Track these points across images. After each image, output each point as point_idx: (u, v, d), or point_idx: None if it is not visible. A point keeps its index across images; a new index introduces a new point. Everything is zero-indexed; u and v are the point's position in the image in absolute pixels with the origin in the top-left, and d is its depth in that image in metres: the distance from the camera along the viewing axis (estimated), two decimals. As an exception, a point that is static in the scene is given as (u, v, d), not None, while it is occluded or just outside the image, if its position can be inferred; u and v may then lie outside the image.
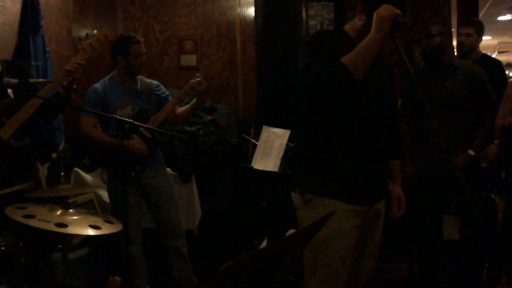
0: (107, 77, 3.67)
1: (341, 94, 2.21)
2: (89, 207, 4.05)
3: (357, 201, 2.32)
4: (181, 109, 3.63)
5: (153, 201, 3.63)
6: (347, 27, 2.39)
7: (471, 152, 3.49)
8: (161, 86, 3.77)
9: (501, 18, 8.90)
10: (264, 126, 3.86)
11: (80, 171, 4.24)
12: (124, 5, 5.49)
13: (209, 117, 4.49)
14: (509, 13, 8.49)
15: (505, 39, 11.39)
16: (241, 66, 5.38)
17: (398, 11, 2.15)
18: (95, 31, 2.98)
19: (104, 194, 4.24)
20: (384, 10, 2.14)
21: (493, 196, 4.05)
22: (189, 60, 5.36)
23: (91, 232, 2.26)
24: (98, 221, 2.33)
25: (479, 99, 3.54)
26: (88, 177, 4.27)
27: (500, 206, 4.25)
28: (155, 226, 3.74)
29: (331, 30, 2.63)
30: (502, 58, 12.99)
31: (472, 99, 3.52)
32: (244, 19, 5.37)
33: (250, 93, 5.26)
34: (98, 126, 3.62)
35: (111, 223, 2.37)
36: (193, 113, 3.65)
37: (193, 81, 3.42)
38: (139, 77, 3.69)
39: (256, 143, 3.85)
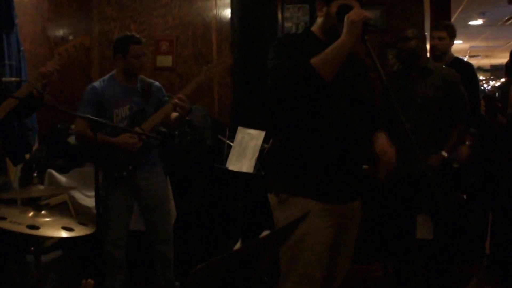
0: (108, 75, 3.62)
1: (310, 94, 2.23)
2: (63, 209, 3.99)
3: (332, 199, 2.32)
4: (172, 116, 3.58)
5: (144, 204, 3.58)
6: (314, 28, 2.43)
7: (444, 153, 3.54)
8: (162, 89, 3.71)
9: (472, 22, 9.04)
10: (239, 127, 3.85)
11: (54, 172, 4.18)
12: (100, 4, 5.43)
13: (184, 118, 4.45)
14: (480, 18, 8.63)
15: (476, 43, 11.59)
16: (217, 67, 5.35)
17: (368, 15, 2.17)
18: (71, 37, 2.94)
19: (78, 196, 4.19)
20: (354, 14, 2.15)
21: (464, 197, 4.11)
22: (165, 61, 5.33)
23: (64, 234, 2.21)
24: (71, 223, 2.29)
25: (453, 101, 3.58)
26: (62, 178, 4.20)
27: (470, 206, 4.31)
28: (144, 229, 3.70)
29: (299, 33, 2.65)
30: (473, 61, 13.20)
31: (446, 102, 3.56)
32: (220, 21, 5.35)
33: (226, 94, 5.24)
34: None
35: (85, 225, 2.33)
36: (179, 124, 3.66)
37: (176, 101, 3.34)
38: (141, 77, 3.64)
39: (231, 144, 3.83)
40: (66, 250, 3.81)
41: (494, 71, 15.29)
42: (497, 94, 3.64)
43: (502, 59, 13.91)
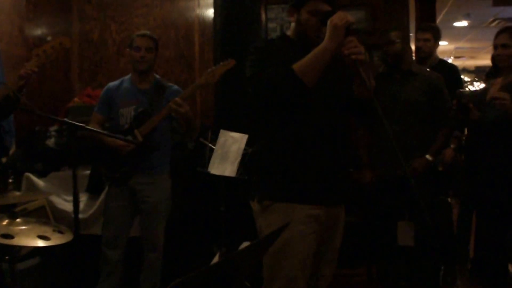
0: (127, 76, 3.65)
1: (292, 101, 2.21)
2: (41, 214, 3.93)
3: (316, 201, 2.30)
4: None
5: (139, 208, 3.55)
6: (289, 33, 2.43)
7: (428, 157, 3.55)
8: (181, 93, 3.55)
9: (457, 24, 9.10)
10: (221, 130, 3.81)
11: (32, 176, 4.12)
12: (80, 4, 5.37)
13: (166, 121, 4.40)
14: (465, 20, 8.69)
15: (461, 44, 11.67)
16: (199, 68, 5.32)
17: (351, 19, 2.16)
18: (49, 38, 2.89)
19: (57, 200, 4.14)
20: (337, 18, 2.15)
21: (449, 200, 4.12)
22: (146, 62, 5.27)
23: (39, 243, 2.17)
24: (48, 231, 2.25)
25: (437, 105, 3.59)
26: (40, 182, 4.15)
27: (454, 209, 4.33)
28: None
29: (275, 39, 2.68)
30: (458, 63, 13.33)
31: (430, 105, 3.57)
32: (203, 21, 5.31)
33: (208, 96, 5.21)
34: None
35: (62, 232, 2.28)
36: (188, 132, 3.63)
37: (171, 104, 3.27)
38: (158, 79, 3.62)
39: (213, 147, 3.80)
40: (44, 257, 3.74)
41: (478, 73, 15.42)
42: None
43: (487, 61, 14.03)
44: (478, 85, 15.12)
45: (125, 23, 5.33)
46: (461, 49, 12.32)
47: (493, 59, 3.71)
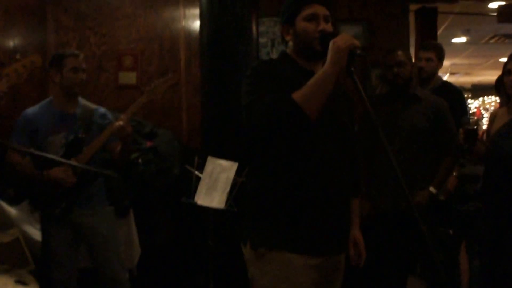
0: (46, 100, 3.41)
1: (293, 134, 2.04)
2: (15, 247, 3.70)
3: (316, 252, 2.13)
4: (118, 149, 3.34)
5: (88, 243, 3.37)
6: (289, 51, 2.25)
7: (432, 189, 3.40)
8: (108, 115, 3.47)
9: (455, 40, 9.03)
10: (209, 157, 3.62)
11: (3, 204, 3.89)
12: (55, 13, 5.16)
13: (148, 144, 4.21)
14: (464, 36, 8.61)
15: (457, 60, 11.63)
16: (185, 85, 5.14)
17: (356, 42, 1.99)
18: (18, 56, 2.70)
19: (31, 231, 3.91)
20: (341, 39, 1.99)
21: (450, 232, 3.97)
22: (128, 77, 5.08)
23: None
24: (9, 283, 2.03)
25: (441, 133, 3.43)
26: (12, 210, 3.91)
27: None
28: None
29: (274, 59, 2.43)
30: (453, 79, 13.29)
31: (434, 133, 3.41)
32: (189, 34, 5.14)
33: (195, 116, 5.03)
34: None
35: (25, 284, 2.07)
36: (125, 155, 3.37)
37: (116, 124, 3.10)
38: (82, 101, 3.41)
39: (200, 175, 3.61)
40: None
41: (475, 91, 15.47)
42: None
43: (482, 77, 14.07)
44: (472, 102, 15.16)
45: (106, 35, 5.13)
46: (457, 65, 12.27)
47: (500, 82, 3.53)
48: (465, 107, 4.36)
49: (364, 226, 3.42)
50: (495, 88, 4.20)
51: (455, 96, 4.17)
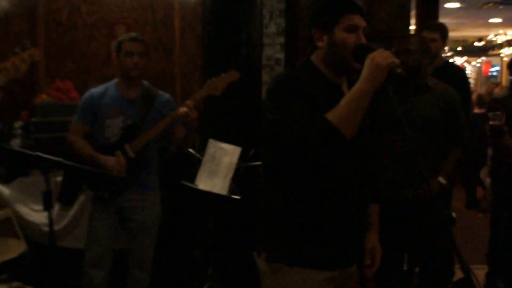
0: (111, 82, 3.40)
1: (327, 154, 1.97)
2: (7, 227, 3.72)
3: (335, 266, 2.15)
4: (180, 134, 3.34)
5: (127, 226, 3.39)
6: (315, 59, 2.13)
7: (441, 180, 3.35)
8: (172, 102, 3.43)
9: (448, 5, 8.99)
10: (210, 140, 3.61)
11: (-6, 183, 3.89)
12: (45, -20, 5.02)
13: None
14: (457, 2, 8.55)
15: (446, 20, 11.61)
16: (179, 55, 5.09)
17: (396, 60, 1.91)
18: (17, 49, 2.63)
19: (24, 210, 3.92)
20: (381, 56, 1.89)
21: (453, 214, 4.01)
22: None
23: None
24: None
25: (451, 124, 3.40)
26: (4, 190, 3.91)
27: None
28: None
29: (298, 69, 2.20)
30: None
31: (443, 123, 3.38)
32: (184, 3, 5.05)
33: (189, 86, 5.00)
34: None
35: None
36: (188, 141, 3.36)
37: (181, 110, 3.09)
38: (147, 85, 3.40)
39: (201, 158, 3.61)
40: (12, 274, 3.56)
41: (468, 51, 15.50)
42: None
43: (468, 33, 14.06)
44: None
45: (97, 3, 5.00)
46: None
47: None
48: (468, 87, 4.37)
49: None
50: (507, 68, 4.24)
51: (458, 75, 4.18)
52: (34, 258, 3.61)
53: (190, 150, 3.69)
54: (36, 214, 3.88)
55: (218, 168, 3.54)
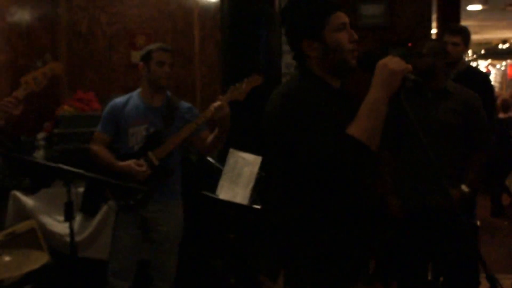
0: (135, 91, 3.46)
1: (357, 170, 1.91)
2: (31, 237, 3.76)
3: (349, 284, 2.11)
4: (209, 139, 3.39)
5: (150, 236, 3.43)
6: (313, 68, 2.06)
7: (464, 188, 3.30)
8: (194, 110, 3.48)
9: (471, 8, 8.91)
10: (230, 150, 3.62)
11: (19, 194, 3.96)
12: (66, -8, 5.11)
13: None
14: (480, 4, 8.47)
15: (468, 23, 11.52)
16: (199, 65, 5.13)
17: (409, 66, 1.88)
18: (39, 63, 2.68)
19: (48, 221, 3.97)
20: (394, 62, 1.87)
21: (478, 223, 3.95)
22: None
23: None
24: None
25: (472, 128, 3.35)
26: (29, 201, 3.97)
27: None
28: None
29: (301, 81, 2.08)
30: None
31: (464, 129, 3.34)
32: (203, 13, 5.09)
33: (209, 95, 5.03)
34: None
35: None
36: (218, 144, 3.42)
37: (215, 105, 3.15)
38: (170, 95, 3.45)
39: (221, 167, 3.62)
40: (37, 284, 3.61)
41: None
42: None
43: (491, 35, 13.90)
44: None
45: (117, 14, 5.09)
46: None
47: None
48: (491, 92, 4.32)
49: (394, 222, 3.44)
50: None
51: (481, 80, 4.13)
52: (57, 269, 3.66)
53: (210, 159, 3.72)
54: (60, 225, 3.92)
55: (239, 178, 3.54)
